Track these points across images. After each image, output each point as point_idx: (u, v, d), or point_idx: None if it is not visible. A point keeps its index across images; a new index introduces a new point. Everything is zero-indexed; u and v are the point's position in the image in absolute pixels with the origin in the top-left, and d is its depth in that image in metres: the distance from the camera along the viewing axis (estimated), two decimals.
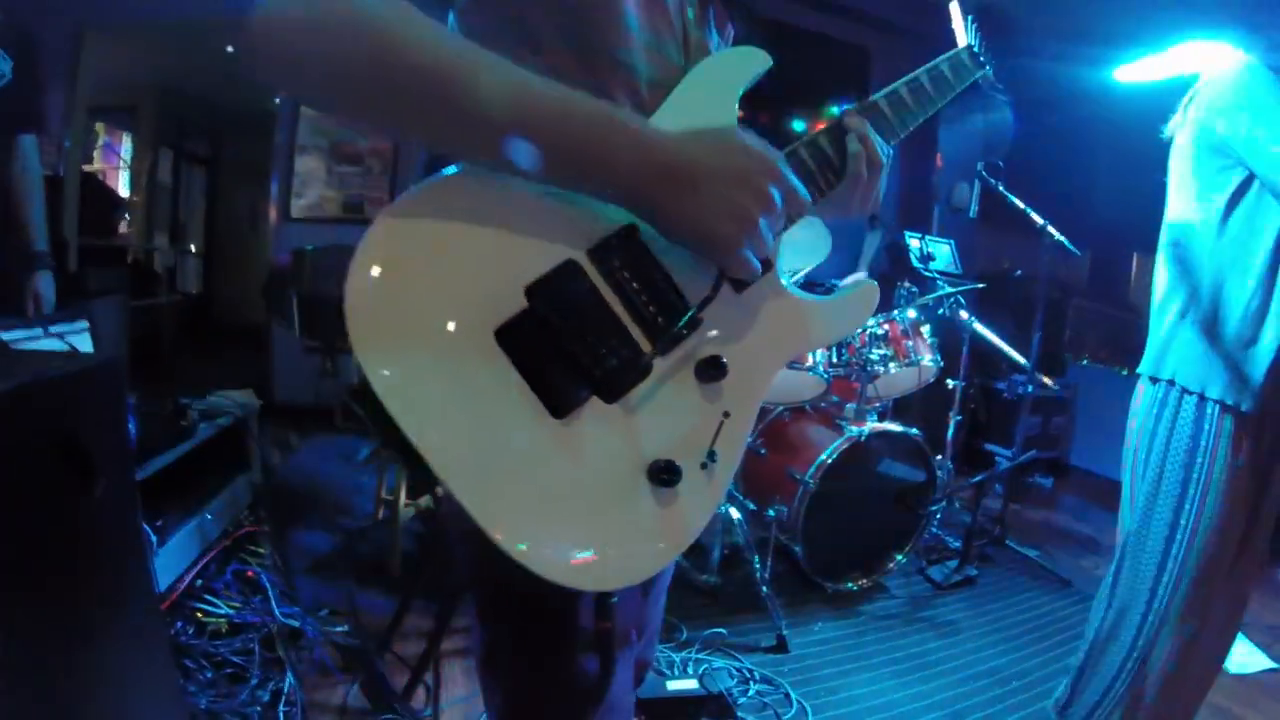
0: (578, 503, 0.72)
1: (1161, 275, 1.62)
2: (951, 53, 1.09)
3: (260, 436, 2.62)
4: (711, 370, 0.79)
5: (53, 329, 1.73)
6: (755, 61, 0.89)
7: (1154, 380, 1.60)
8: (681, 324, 0.78)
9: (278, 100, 4.92)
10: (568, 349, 0.72)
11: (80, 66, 4.55)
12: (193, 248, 8.26)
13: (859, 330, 3.24)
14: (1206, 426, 1.49)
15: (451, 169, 0.72)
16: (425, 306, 0.67)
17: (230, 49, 5.40)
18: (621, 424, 0.74)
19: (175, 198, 7.76)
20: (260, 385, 4.70)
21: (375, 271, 0.65)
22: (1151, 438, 1.57)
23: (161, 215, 7.50)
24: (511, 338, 0.69)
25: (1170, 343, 1.57)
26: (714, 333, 0.82)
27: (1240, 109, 1.43)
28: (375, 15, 0.64)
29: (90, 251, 5.04)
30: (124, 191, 7.05)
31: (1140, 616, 1.55)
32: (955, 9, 1.18)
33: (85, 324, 1.92)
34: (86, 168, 5.99)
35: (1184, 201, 1.56)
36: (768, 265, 0.86)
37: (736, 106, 0.86)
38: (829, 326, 0.95)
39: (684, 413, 0.79)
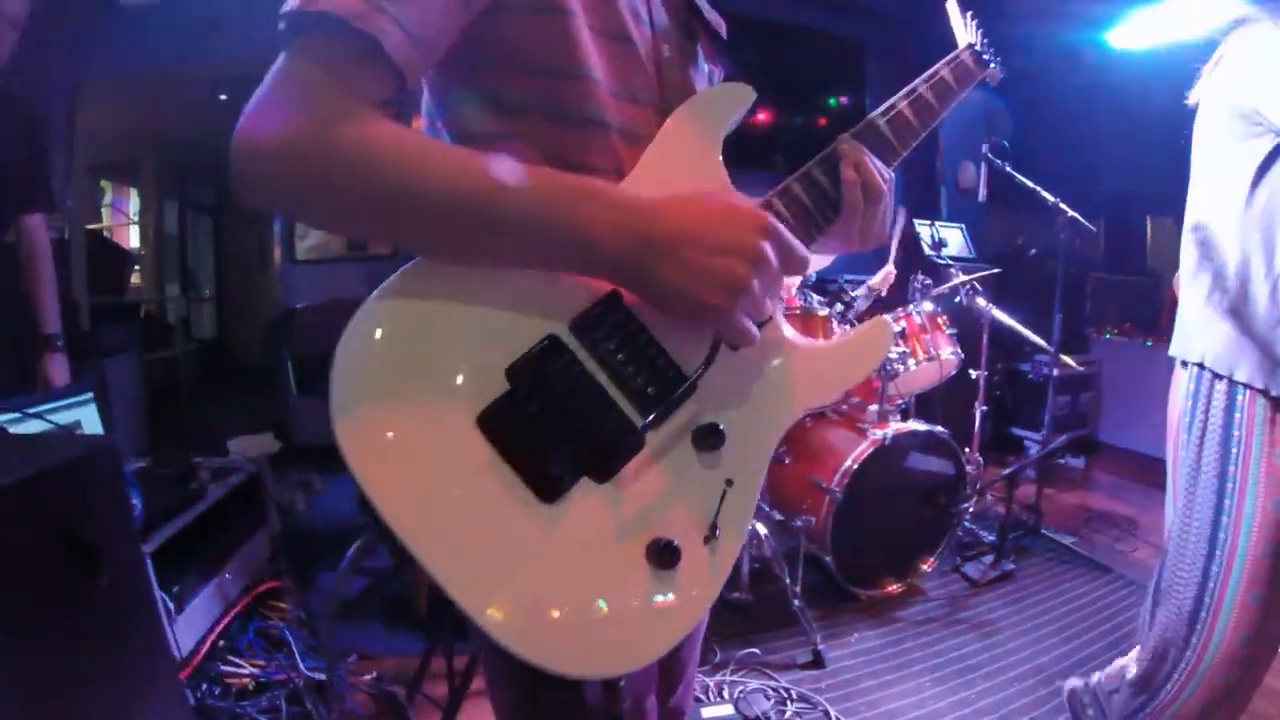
0: (575, 591, 0.69)
1: (1188, 252, 1.55)
2: (952, 55, 1.02)
3: (280, 481, 2.61)
4: (709, 438, 0.75)
5: (52, 405, 1.72)
6: (736, 99, 0.86)
7: (1184, 364, 1.52)
8: (675, 395, 0.74)
9: None
10: (552, 431, 0.70)
11: (76, 125, 4.59)
12: (206, 293, 8.33)
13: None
14: (1238, 414, 1.40)
15: None
16: (408, 398, 0.66)
17: (224, 98, 5.42)
18: (616, 503, 0.71)
19: (184, 247, 7.83)
20: (279, 427, 4.72)
21: (358, 362, 0.65)
22: (1189, 426, 1.49)
23: (171, 266, 7.56)
24: (494, 423, 0.68)
25: (1198, 324, 1.49)
26: (710, 398, 0.78)
27: (1270, 70, 1.34)
28: (342, 137, 0.64)
29: (102, 309, 5.08)
30: (133, 245, 7.12)
31: (1188, 628, 1.46)
32: (953, 6, 1.11)
33: (90, 395, 1.91)
34: (93, 226, 6.05)
35: (1208, 173, 1.48)
36: (766, 322, 0.81)
37: (719, 150, 0.84)
38: (841, 372, 0.88)
39: (683, 485, 0.75)
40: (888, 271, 3.38)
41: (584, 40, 0.79)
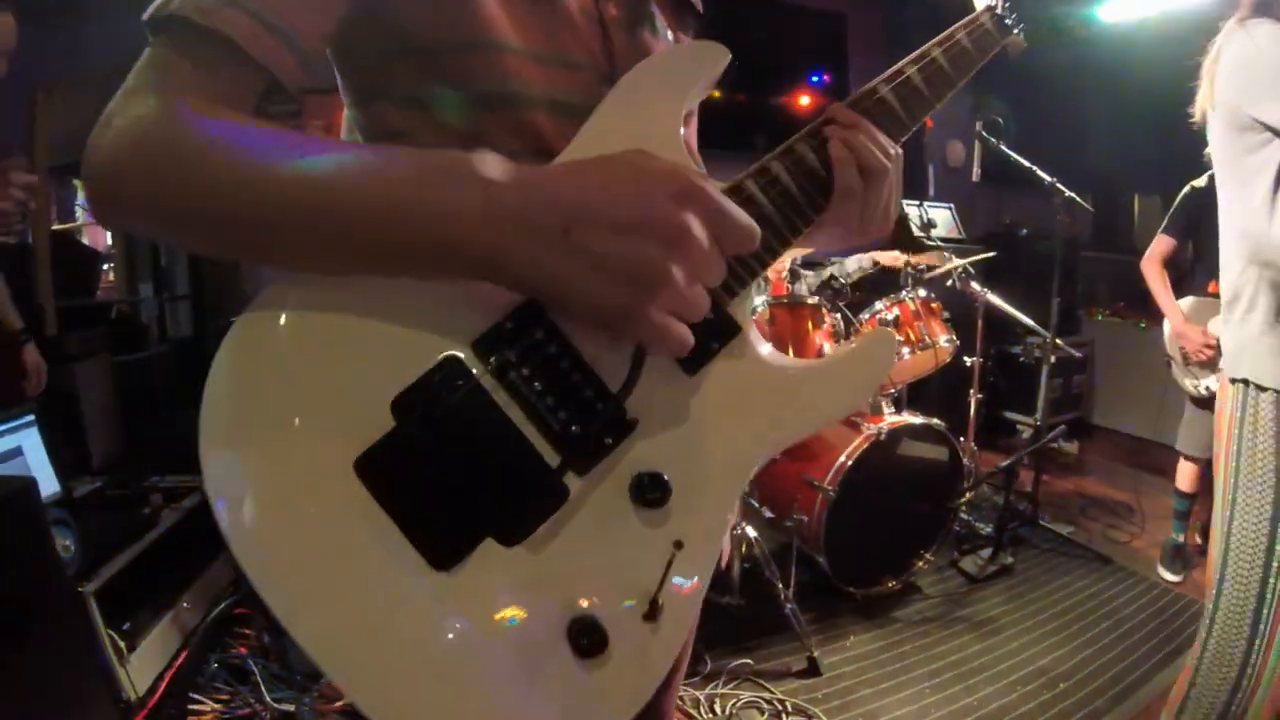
0: (479, 679, 0.56)
1: (1228, 266, 1.52)
2: (970, 18, 0.87)
3: None
4: (651, 491, 0.60)
5: None
6: (704, 60, 0.70)
7: (1233, 381, 1.49)
8: (602, 432, 0.60)
9: None
10: (446, 480, 0.57)
11: (38, 124, 4.41)
12: (181, 292, 8.14)
13: (870, 313, 3.07)
14: None
15: None
16: (280, 441, 0.55)
17: None
18: (529, 572, 0.58)
19: (156, 245, 7.64)
20: None
21: (223, 394, 0.55)
22: (1238, 442, 1.46)
23: (144, 264, 7.38)
24: (375, 469, 0.55)
25: (1242, 340, 1.47)
26: (654, 438, 0.62)
27: (1260, 80, 1.34)
28: (167, 136, 0.55)
29: (71, 312, 4.92)
30: (106, 244, 6.94)
31: (1246, 642, 1.42)
32: None
33: (30, 417, 1.78)
34: (65, 226, 5.86)
35: (1230, 188, 1.48)
36: (732, 328, 0.66)
37: (680, 122, 0.68)
38: (828, 400, 0.70)
39: (617, 549, 0.61)
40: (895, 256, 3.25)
41: (484, 3, 0.67)
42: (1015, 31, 0.88)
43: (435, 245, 0.53)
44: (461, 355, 0.58)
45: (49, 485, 1.78)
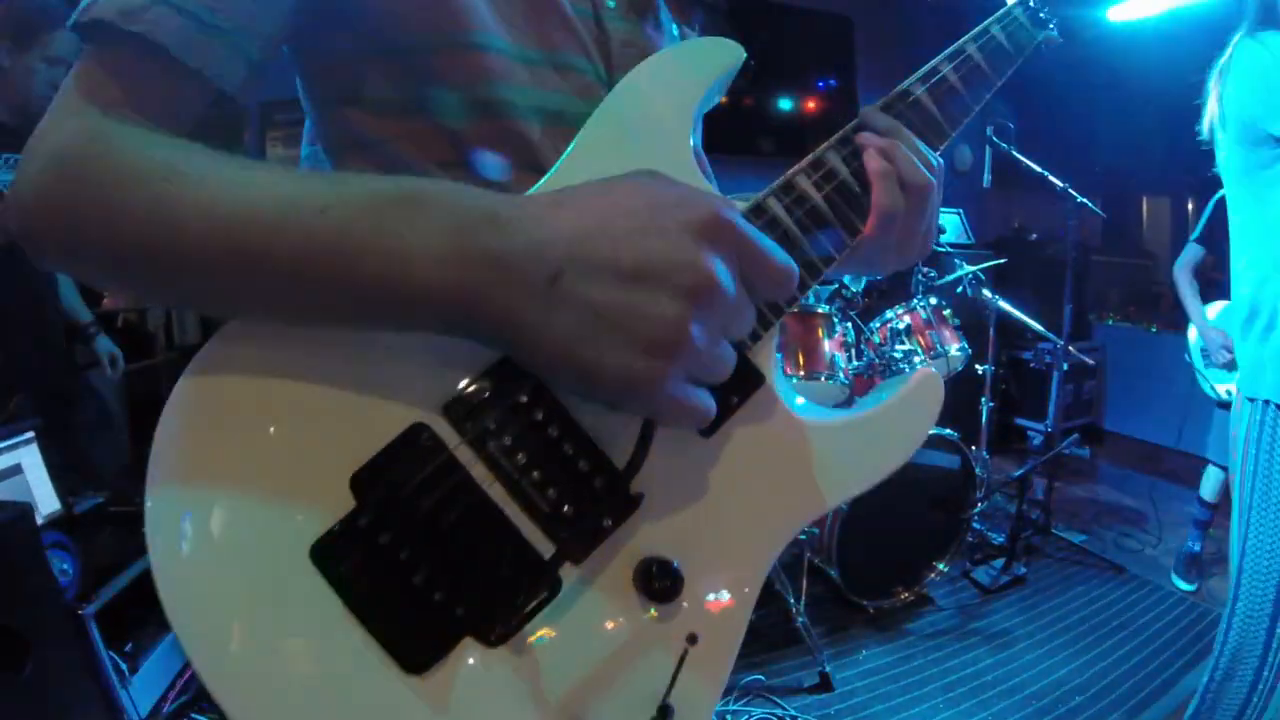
0: None
1: (1242, 281, 1.52)
2: (1002, 12, 0.78)
3: None
4: (660, 580, 0.51)
5: None
6: (717, 57, 0.61)
7: (1251, 400, 1.48)
8: (604, 512, 0.51)
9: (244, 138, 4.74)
10: (414, 567, 0.47)
11: None
12: None
13: (880, 322, 3.03)
14: None
15: None
16: (229, 521, 0.47)
17: None
18: (516, 674, 0.49)
19: None
20: None
21: (166, 468, 0.47)
22: (1255, 462, 1.45)
23: None
24: (334, 556, 0.46)
25: (1262, 359, 1.45)
26: (661, 514, 0.53)
27: (1272, 93, 1.34)
28: (91, 163, 0.47)
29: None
30: None
31: (1259, 659, 1.42)
32: None
33: (31, 435, 1.75)
34: None
35: (1241, 203, 1.49)
36: (754, 379, 0.56)
37: (689, 131, 0.59)
38: (874, 456, 0.61)
39: (619, 645, 0.51)
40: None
41: None
42: (1050, 25, 0.82)
43: (394, 292, 0.44)
44: (431, 423, 0.50)
45: (49, 503, 1.75)
